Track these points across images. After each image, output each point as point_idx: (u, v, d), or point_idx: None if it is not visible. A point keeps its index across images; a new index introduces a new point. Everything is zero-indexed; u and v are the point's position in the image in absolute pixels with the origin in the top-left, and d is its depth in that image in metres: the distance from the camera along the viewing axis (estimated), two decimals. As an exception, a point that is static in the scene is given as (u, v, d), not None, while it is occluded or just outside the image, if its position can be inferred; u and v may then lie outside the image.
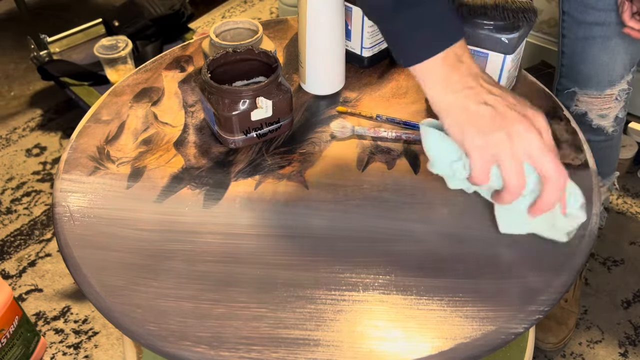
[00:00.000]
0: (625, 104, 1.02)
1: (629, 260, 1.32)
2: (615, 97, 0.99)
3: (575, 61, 0.98)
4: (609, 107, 1.00)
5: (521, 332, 0.55)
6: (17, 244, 1.40)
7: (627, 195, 1.47)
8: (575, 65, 0.99)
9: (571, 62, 0.99)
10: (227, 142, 0.73)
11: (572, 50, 0.98)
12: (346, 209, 0.66)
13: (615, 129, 1.04)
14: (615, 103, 1.00)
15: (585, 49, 0.95)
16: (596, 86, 0.98)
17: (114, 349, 1.19)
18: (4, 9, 2.31)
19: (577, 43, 0.96)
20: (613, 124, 1.03)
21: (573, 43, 0.97)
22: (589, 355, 1.15)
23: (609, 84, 0.97)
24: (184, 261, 0.61)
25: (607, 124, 1.02)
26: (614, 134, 1.04)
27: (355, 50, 0.85)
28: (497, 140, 0.53)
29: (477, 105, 0.53)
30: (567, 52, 0.99)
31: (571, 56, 0.99)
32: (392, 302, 0.57)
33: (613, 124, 1.03)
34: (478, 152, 0.54)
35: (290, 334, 0.54)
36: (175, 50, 0.92)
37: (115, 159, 0.72)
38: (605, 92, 0.98)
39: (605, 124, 1.02)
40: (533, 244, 0.62)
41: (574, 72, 0.99)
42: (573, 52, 0.98)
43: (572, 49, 0.98)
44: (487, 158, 0.54)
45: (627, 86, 0.99)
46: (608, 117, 1.01)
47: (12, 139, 1.70)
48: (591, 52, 0.95)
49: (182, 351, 0.53)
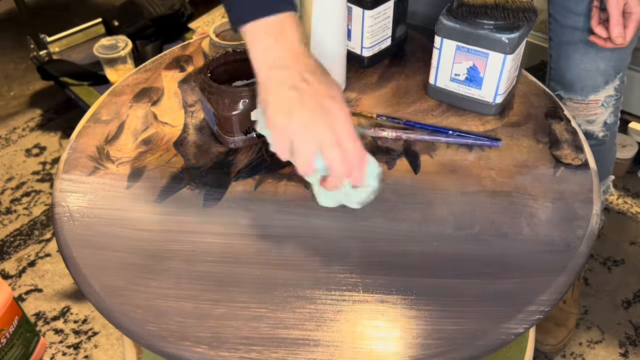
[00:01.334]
0: (616, 110, 1.01)
1: (629, 260, 1.32)
2: (601, 104, 0.98)
3: (560, 65, 0.98)
4: (595, 114, 0.99)
5: (521, 332, 0.55)
6: (17, 244, 1.40)
7: (627, 195, 1.47)
8: (561, 69, 0.98)
9: (557, 66, 0.99)
10: (227, 142, 0.73)
11: (558, 54, 0.97)
12: (346, 209, 0.66)
13: (606, 134, 1.03)
14: (602, 109, 0.99)
15: (569, 54, 0.95)
16: (580, 92, 0.97)
17: (114, 349, 1.19)
18: (4, 9, 2.31)
19: (561, 47, 0.96)
20: (602, 129, 1.02)
21: (558, 47, 0.96)
22: (589, 355, 1.15)
23: (592, 89, 0.96)
24: (184, 261, 0.61)
25: (595, 129, 1.01)
26: (605, 139, 1.03)
27: (355, 50, 0.85)
28: (295, 127, 0.54)
29: (286, 89, 0.55)
30: (554, 56, 0.99)
31: (557, 60, 0.98)
32: (392, 302, 0.57)
33: (602, 129, 1.02)
34: (277, 134, 0.56)
35: (290, 334, 0.54)
36: (175, 50, 0.92)
37: (115, 159, 0.72)
38: (589, 97, 0.97)
39: (594, 129, 1.01)
40: (533, 244, 0.62)
41: (559, 75, 0.99)
42: (558, 55, 0.97)
43: (558, 52, 0.97)
44: (284, 142, 0.56)
45: (613, 92, 0.97)
46: (596, 122, 1.00)
47: (12, 139, 1.70)
48: (574, 57, 0.94)
49: (182, 351, 0.53)
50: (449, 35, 0.74)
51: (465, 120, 0.78)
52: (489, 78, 0.75)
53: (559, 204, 0.66)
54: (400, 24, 0.87)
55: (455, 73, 0.77)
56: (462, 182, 0.69)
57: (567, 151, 0.73)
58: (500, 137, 0.75)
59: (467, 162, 0.72)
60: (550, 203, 0.66)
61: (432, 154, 0.73)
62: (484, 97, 0.77)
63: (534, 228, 0.63)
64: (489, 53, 0.73)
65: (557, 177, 0.69)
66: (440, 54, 0.76)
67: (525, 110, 0.79)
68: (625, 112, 1.59)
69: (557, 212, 0.65)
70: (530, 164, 0.71)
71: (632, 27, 0.83)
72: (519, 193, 0.67)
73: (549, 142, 0.74)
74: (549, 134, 0.75)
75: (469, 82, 0.77)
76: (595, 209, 0.65)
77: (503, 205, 0.66)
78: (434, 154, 0.73)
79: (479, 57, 0.74)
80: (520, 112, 0.79)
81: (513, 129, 0.76)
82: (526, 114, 0.79)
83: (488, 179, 0.69)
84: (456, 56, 0.75)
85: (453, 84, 0.78)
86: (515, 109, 0.80)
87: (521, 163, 0.71)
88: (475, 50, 0.73)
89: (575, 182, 0.68)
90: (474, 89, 0.77)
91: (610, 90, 0.97)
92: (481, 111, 0.78)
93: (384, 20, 0.83)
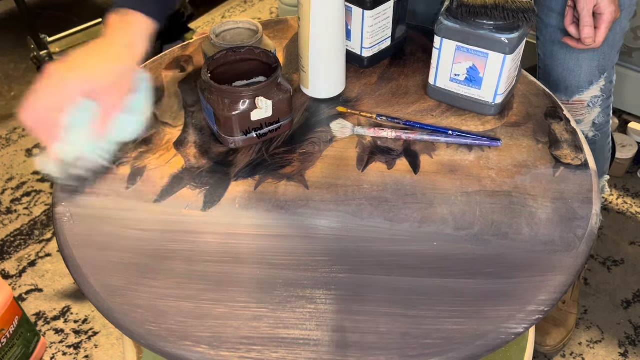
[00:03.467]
0: (605, 110, 1.01)
1: (629, 260, 1.32)
2: (587, 104, 0.98)
3: (546, 64, 0.98)
4: (582, 114, 0.99)
5: (521, 332, 0.55)
6: (17, 244, 1.40)
7: (627, 195, 1.47)
8: (547, 68, 0.98)
9: (544, 65, 0.99)
10: (227, 142, 0.73)
11: (544, 53, 0.98)
12: (346, 209, 0.66)
13: (596, 134, 1.02)
14: (588, 110, 0.99)
15: (554, 53, 0.95)
16: (564, 91, 0.97)
17: (114, 349, 1.19)
18: (4, 9, 2.31)
19: (547, 46, 0.96)
20: (592, 129, 1.02)
21: (544, 46, 0.97)
22: (589, 355, 1.15)
23: (576, 90, 0.96)
24: (183, 261, 0.61)
25: (584, 129, 1.01)
26: (595, 139, 1.03)
27: (355, 50, 0.85)
28: None
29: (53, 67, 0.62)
30: (541, 55, 0.99)
31: (544, 59, 0.99)
32: (392, 302, 0.57)
33: (592, 129, 1.02)
34: None
35: (290, 334, 0.54)
36: (175, 50, 0.92)
37: (115, 159, 0.72)
38: (573, 98, 0.97)
39: (582, 128, 1.01)
40: (533, 244, 0.62)
41: (547, 75, 0.99)
42: (545, 55, 0.98)
43: (544, 51, 0.97)
44: None
45: (599, 93, 0.97)
46: (584, 122, 1.00)
47: (12, 139, 1.70)
48: (558, 56, 0.94)
49: (182, 351, 0.53)
50: (449, 36, 0.74)
51: (465, 120, 0.78)
52: (489, 78, 0.75)
53: (559, 204, 0.66)
54: (400, 24, 0.87)
55: (455, 73, 0.77)
56: (462, 182, 0.69)
57: (567, 151, 0.73)
58: (500, 138, 0.75)
59: (467, 162, 0.72)
60: (550, 203, 0.66)
61: (432, 154, 0.73)
62: (483, 97, 0.77)
63: (533, 228, 0.64)
64: (488, 53, 0.73)
65: (556, 177, 0.69)
66: (440, 54, 0.76)
67: (524, 111, 0.79)
68: (625, 112, 1.59)
69: (557, 212, 0.65)
70: (530, 164, 0.71)
71: (604, 28, 0.81)
72: (518, 193, 0.67)
73: (548, 142, 0.74)
74: (548, 134, 0.75)
75: (469, 83, 0.77)
76: (595, 209, 0.65)
77: (503, 205, 0.66)
78: (434, 154, 0.73)
79: (479, 57, 0.74)
80: (520, 112, 0.79)
81: (513, 129, 0.76)
82: (526, 114, 0.79)
83: (488, 179, 0.69)
84: (456, 56, 0.75)
85: (453, 84, 0.78)
86: (515, 109, 0.80)
87: (521, 163, 0.71)
88: (475, 51, 0.73)
89: (575, 182, 0.69)
90: (473, 89, 0.77)
91: (595, 91, 0.96)
92: (481, 111, 0.78)
93: (384, 20, 0.83)
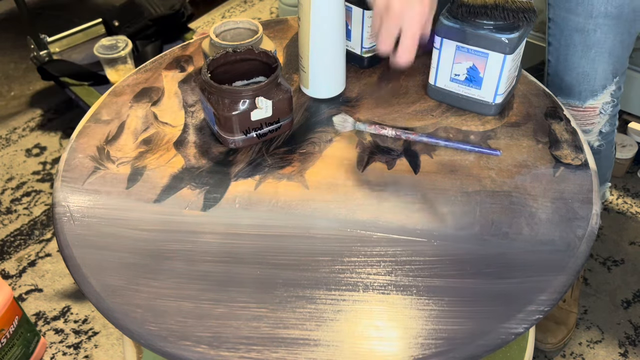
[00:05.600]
0: (612, 118, 1.01)
1: (629, 260, 1.32)
2: (599, 111, 0.98)
3: (559, 69, 0.98)
4: (592, 123, 0.99)
5: (521, 332, 0.55)
6: (17, 244, 1.40)
7: (627, 195, 1.47)
8: (559, 73, 0.98)
9: (555, 71, 0.99)
10: (227, 142, 0.73)
11: (557, 58, 0.98)
12: (346, 208, 0.66)
13: (601, 144, 1.03)
14: (599, 118, 0.99)
15: (568, 57, 0.95)
16: (578, 96, 0.97)
17: (114, 349, 1.19)
18: (4, 9, 2.31)
19: (560, 50, 0.96)
20: (598, 139, 1.02)
21: (557, 51, 0.97)
22: (589, 355, 1.15)
23: (590, 94, 0.96)
24: (184, 261, 0.61)
25: (591, 139, 1.01)
26: (600, 148, 1.03)
27: (355, 50, 0.85)
28: None
29: None
30: (552, 61, 0.99)
31: (555, 64, 0.98)
32: (392, 302, 0.57)
33: (598, 138, 1.02)
34: None
35: (290, 334, 0.54)
36: (175, 50, 0.92)
37: (115, 159, 0.72)
38: (587, 103, 0.97)
39: (589, 139, 1.01)
40: (533, 244, 0.62)
41: (558, 80, 0.99)
42: (557, 59, 0.98)
43: (557, 56, 0.97)
44: None
45: (610, 98, 0.97)
46: (592, 132, 1.00)
47: (12, 139, 1.70)
48: (572, 60, 0.94)
49: (182, 351, 0.53)
50: (449, 36, 0.74)
51: (465, 120, 0.78)
52: (489, 78, 0.75)
53: (559, 204, 0.66)
54: (400, 24, 0.87)
55: (455, 73, 0.77)
56: (462, 182, 0.69)
57: (567, 151, 0.73)
58: (500, 149, 0.75)
59: (467, 162, 0.72)
60: (550, 203, 0.66)
61: (432, 154, 0.73)
62: (483, 97, 0.77)
63: (533, 228, 0.64)
64: (488, 53, 0.73)
65: (556, 177, 0.69)
66: (440, 54, 0.76)
67: (525, 111, 0.79)
68: (625, 112, 1.59)
69: (556, 212, 0.65)
70: (530, 164, 0.71)
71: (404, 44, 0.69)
72: (518, 193, 0.67)
73: (548, 142, 0.74)
74: (548, 134, 0.75)
75: (469, 82, 0.77)
76: (595, 209, 0.65)
77: (503, 205, 0.66)
78: (434, 154, 0.73)
79: (479, 57, 0.74)
80: (520, 112, 0.79)
81: (513, 129, 0.76)
82: (526, 114, 0.79)
83: (488, 178, 0.69)
84: (456, 56, 0.75)
85: (453, 84, 0.78)
86: (515, 109, 0.80)
87: (521, 163, 0.71)
88: (475, 51, 0.73)
89: (575, 182, 0.69)
90: (473, 89, 0.77)
91: (607, 97, 0.97)
92: (481, 111, 0.78)
93: (384, 20, 0.82)
